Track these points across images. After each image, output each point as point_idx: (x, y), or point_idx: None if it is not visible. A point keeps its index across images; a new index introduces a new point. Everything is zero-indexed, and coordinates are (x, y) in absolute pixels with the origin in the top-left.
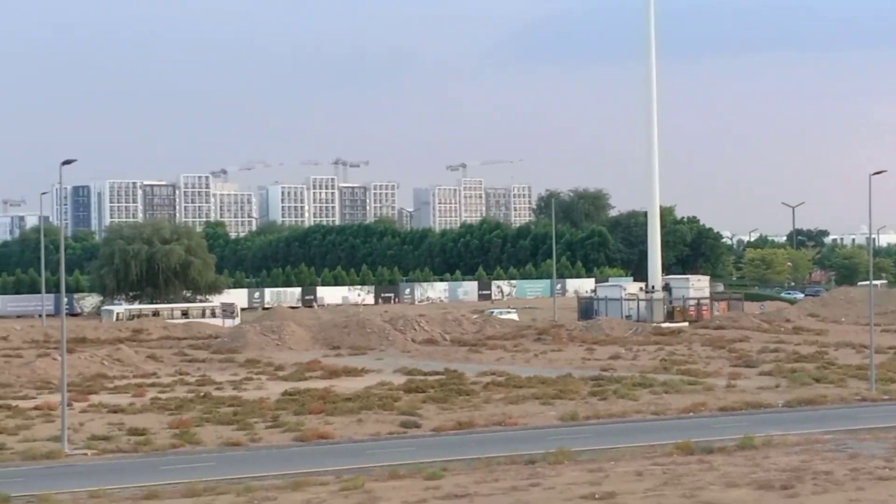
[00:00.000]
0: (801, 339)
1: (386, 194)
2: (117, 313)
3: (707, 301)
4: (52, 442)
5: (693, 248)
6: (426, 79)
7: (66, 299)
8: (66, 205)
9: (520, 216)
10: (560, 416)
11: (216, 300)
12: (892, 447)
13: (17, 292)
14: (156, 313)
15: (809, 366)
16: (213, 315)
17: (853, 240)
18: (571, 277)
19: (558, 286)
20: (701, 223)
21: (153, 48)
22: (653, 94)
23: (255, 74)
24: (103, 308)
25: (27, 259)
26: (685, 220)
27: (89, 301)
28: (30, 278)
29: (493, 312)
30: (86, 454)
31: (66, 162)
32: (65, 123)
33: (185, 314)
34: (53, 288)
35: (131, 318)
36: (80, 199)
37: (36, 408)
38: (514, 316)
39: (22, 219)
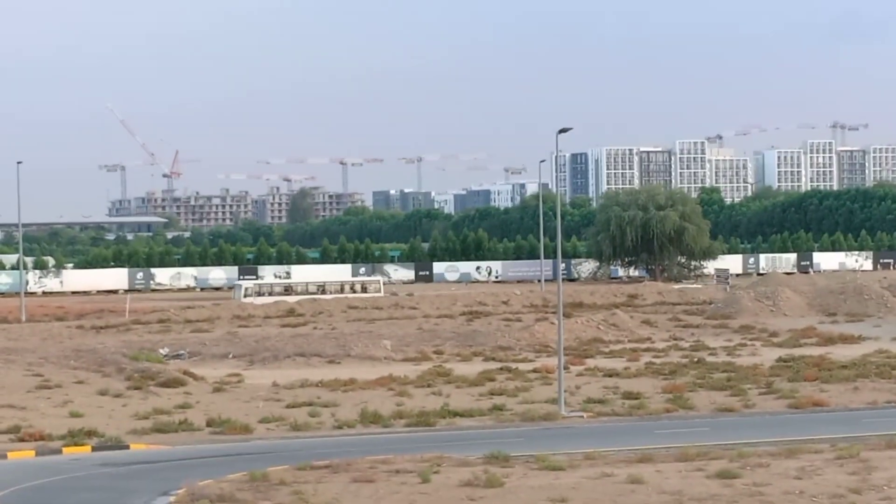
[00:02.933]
0: None
1: (886, 157)
2: (245, 288)
3: None
4: (549, 404)
5: None
6: None
7: (563, 265)
8: (563, 172)
9: None
10: None
11: (710, 266)
12: None
13: (518, 257)
14: (287, 290)
15: None
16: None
17: None
18: None
19: None
20: None
21: (642, 18)
22: None
23: (749, 37)
24: (235, 283)
25: (527, 225)
26: None
27: (586, 267)
28: (529, 244)
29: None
30: (582, 416)
31: (562, 130)
32: (562, 92)
33: (323, 290)
34: (551, 254)
35: (260, 294)
36: (578, 166)
37: (534, 370)
38: None
39: (522, 186)
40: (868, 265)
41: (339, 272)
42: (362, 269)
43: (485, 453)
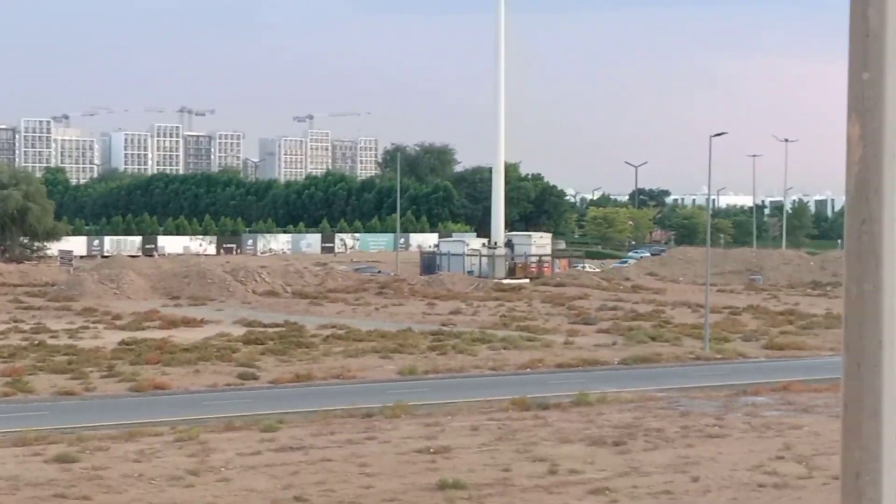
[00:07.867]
0: (640, 297)
1: (231, 144)
2: None
3: (549, 258)
4: None
5: (537, 205)
6: (274, 28)
7: None
8: None
9: (366, 169)
10: (399, 370)
11: (55, 247)
12: (722, 405)
13: None
14: None
15: (646, 324)
16: None
17: (693, 200)
18: (416, 232)
19: (402, 240)
20: (545, 180)
21: None
22: (500, 48)
23: (98, 19)
24: None
25: None
26: (529, 177)
27: None
28: None
29: None
30: None
31: None
32: None
33: None
34: None
35: None
36: None
37: None
38: None
39: None
40: (212, 249)
41: None
42: None
43: None
